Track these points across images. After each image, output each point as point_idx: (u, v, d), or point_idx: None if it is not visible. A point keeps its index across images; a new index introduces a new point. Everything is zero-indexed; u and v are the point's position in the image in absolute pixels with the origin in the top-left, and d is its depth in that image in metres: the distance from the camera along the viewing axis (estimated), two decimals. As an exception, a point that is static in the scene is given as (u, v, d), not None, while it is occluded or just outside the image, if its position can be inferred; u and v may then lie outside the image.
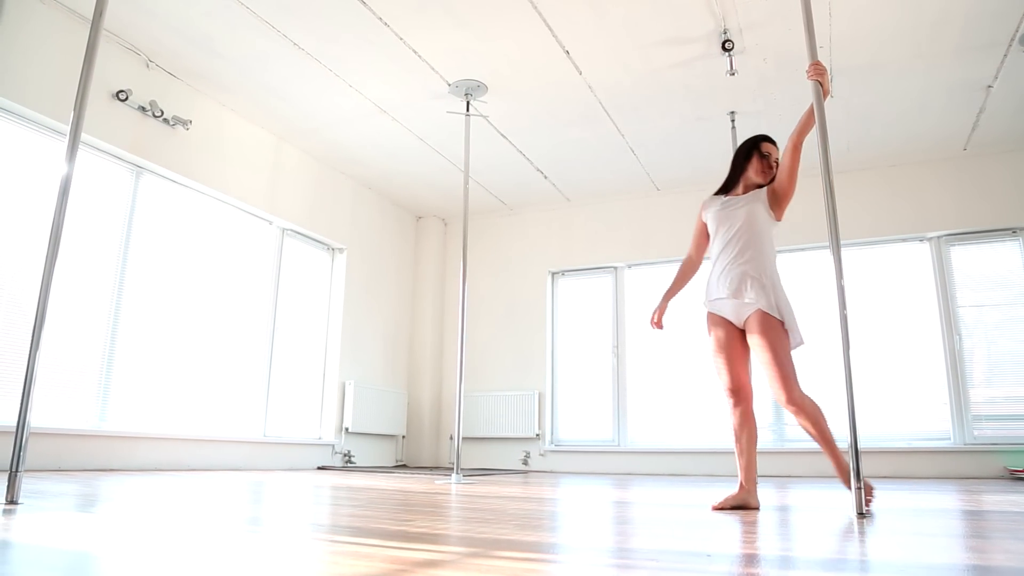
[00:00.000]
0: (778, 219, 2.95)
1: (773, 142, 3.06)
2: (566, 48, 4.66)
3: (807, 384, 3.09)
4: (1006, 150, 5.85)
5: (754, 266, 2.84)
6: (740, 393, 2.83)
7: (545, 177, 6.67)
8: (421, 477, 4.74)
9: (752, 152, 3.02)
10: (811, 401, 2.73)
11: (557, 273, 7.30)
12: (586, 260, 7.09)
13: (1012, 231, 5.81)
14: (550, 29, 4.45)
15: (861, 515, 2.43)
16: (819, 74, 2.83)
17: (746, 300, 2.79)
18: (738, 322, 2.85)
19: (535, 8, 4.24)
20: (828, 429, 2.71)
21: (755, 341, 2.77)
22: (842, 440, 2.52)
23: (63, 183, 2.47)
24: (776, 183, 2.93)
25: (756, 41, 4.54)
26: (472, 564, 1.25)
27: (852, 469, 2.57)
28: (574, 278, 7.21)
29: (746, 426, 2.81)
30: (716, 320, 2.89)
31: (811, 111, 2.80)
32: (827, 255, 6.40)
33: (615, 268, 7.01)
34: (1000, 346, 5.71)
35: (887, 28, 4.41)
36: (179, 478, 3.78)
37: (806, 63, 4.75)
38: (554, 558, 1.36)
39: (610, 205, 7.09)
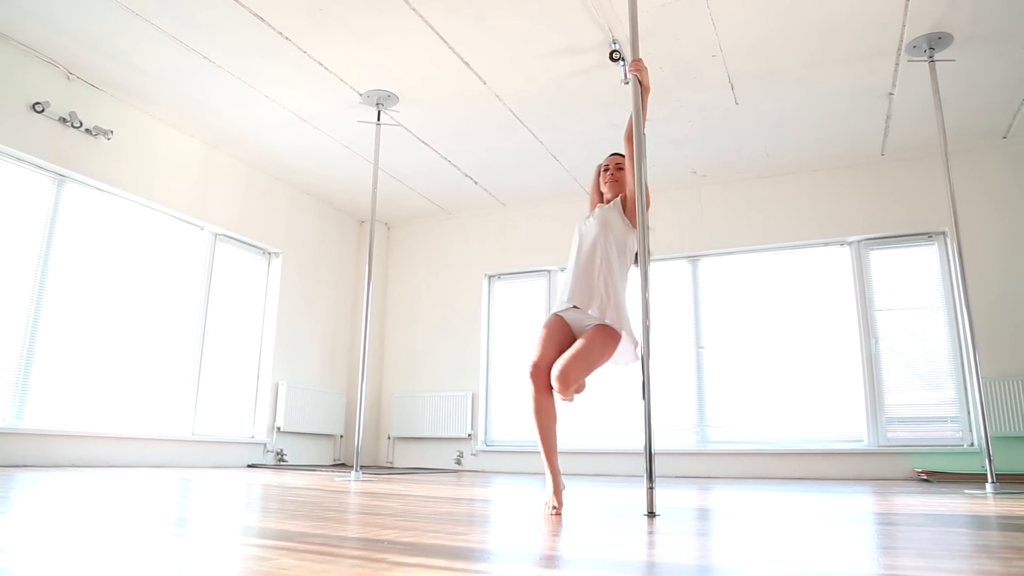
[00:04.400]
0: (633, 225, 2.86)
1: (618, 154, 3.12)
2: (464, 59, 4.79)
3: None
4: (922, 155, 5.91)
5: (604, 280, 2.78)
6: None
7: (476, 183, 6.81)
8: (325, 475, 4.90)
9: (597, 171, 3.15)
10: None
11: (493, 276, 7.44)
12: (521, 264, 7.22)
13: (928, 235, 5.88)
14: (444, 40, 4.59)
15: (651, 515, 2.55)
16: (639, 70, 2.98)
17: (590, 312, 2.71)
18: (578, 332, 2.76)
19: (423, 20, 4.38)
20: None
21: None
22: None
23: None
24: (627, 188, 2.94)
25: (648, 50, 4.64)
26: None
27: (645, 471, 2.68)
28: (509, 281, 7.35)
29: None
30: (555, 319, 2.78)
31: (635, 107, 2.92)
32: (747, 258, 6.50)
33: (548, 271, 7.14)
34: (914, 349, 5.78)
35: (775, 37, 4.51)
36: (91, 475, 3.95)
37: (702, 71, 4.91)
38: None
39: (543, 210, 7.22)
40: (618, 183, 3.03)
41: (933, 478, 5.21)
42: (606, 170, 3.07)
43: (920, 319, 5.80)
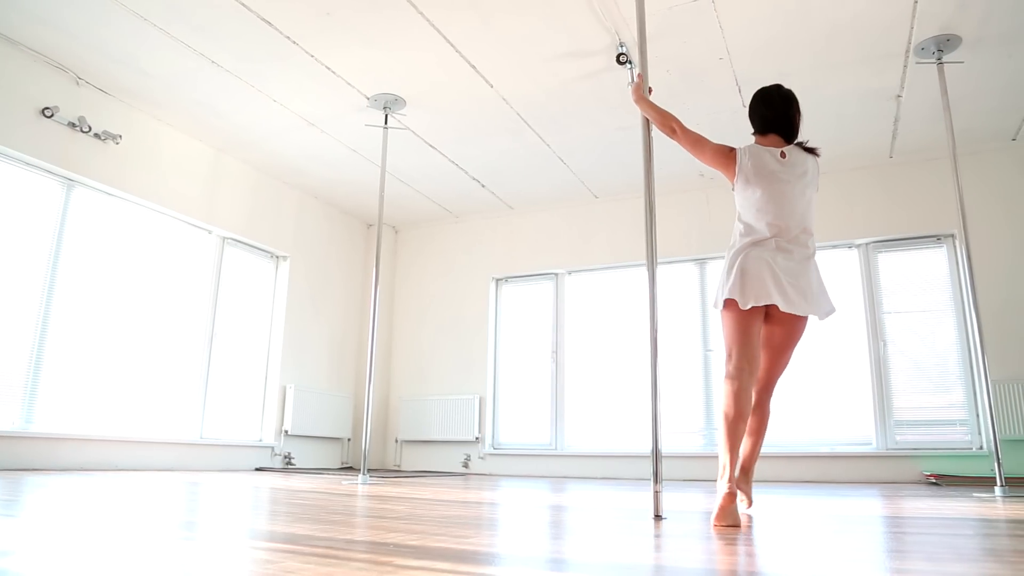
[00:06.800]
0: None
1: None
2: (471, 63, 4.80)
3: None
4: (930, 157, 5.89)
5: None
6: None
7: (483, 186, 6.82)
8: (332, 478, 4.91)
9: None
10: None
11: (501, 279, 7.45)
12: (528, 267, 7.23)
13: (937, 238, 5.85)
14: (450, 44, 4.60)
15: (658, 517, 2.54)
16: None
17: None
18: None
19: (430, 23, 4.39)
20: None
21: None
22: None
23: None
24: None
25: (655, 54, 4.65)
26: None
27: (652, 473, 2.68)
28: (517, 284, 7.36)
29: None
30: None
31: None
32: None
33: (556, 275, 7.15)
34: (922, 352, 5.75)
35: (782, 39, 4.50)
36: (99, 478, 3.97)
37: (710, 74, 4.91)
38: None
39: (551, 213, 7.23)
40: None
41: (941, 481, 5.18)
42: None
43: (929, 322, 5.77)
